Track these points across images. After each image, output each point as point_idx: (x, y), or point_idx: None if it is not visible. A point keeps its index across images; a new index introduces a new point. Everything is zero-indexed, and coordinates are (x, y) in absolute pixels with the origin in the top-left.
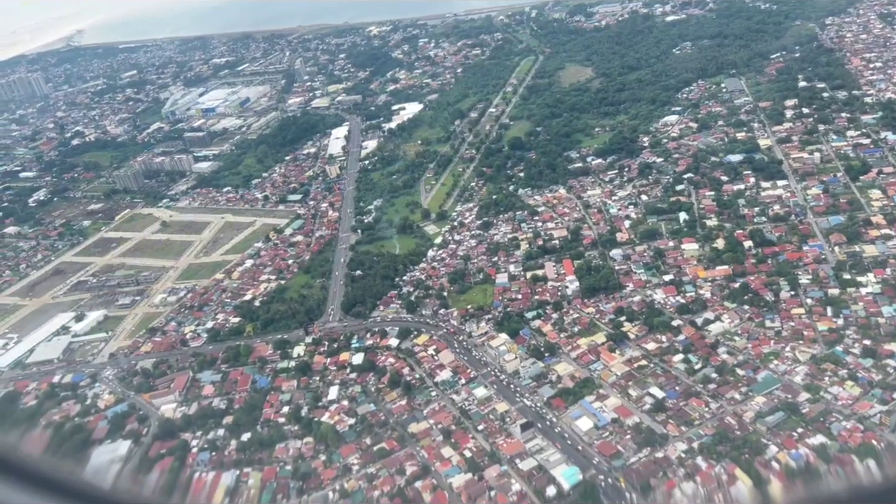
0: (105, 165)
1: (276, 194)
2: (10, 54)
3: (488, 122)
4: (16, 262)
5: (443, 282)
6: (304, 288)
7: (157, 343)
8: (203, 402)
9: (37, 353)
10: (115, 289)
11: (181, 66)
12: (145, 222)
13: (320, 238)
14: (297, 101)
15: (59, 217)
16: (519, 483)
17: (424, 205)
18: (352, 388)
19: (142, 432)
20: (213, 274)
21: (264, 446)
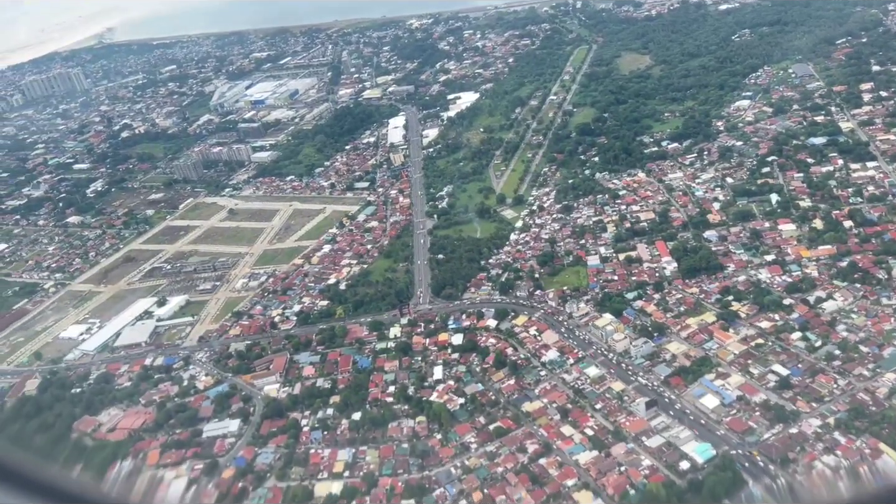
0: (159, 157)
1: (342, 182)
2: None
3: (550, 110)
4: (84, 251)
5: (532, 264)
6: (387, 272)
7: (246, 326)
8: (306, 383)
9: (123, 338)
10: (192, 275)
11: (221, 61)
12: (210, 210)
13: (395, 223)
14: (348, 93)
15: (121, 207)
16: (649, 459)
17: (498, 190)
18: (456, 369)
19: (249, 411)
20: (291, 259)
21: (377, 425)
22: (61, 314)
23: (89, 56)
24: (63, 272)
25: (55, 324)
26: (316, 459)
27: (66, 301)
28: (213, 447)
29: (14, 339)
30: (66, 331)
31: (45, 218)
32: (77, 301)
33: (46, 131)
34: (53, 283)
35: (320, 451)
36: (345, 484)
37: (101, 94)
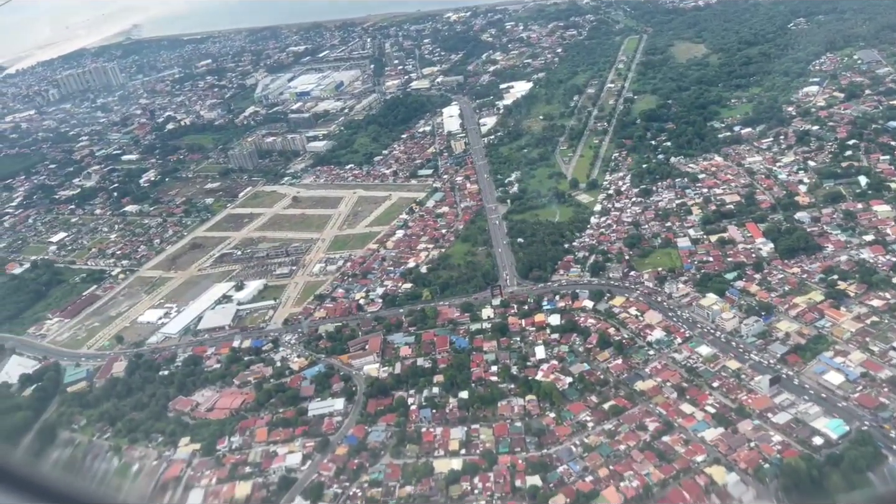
0: (209, 147)
1: (405, 170)
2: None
3: (609, 97)
4: (148, 238)
5: (619, 246)
6: (467, 255)
7: (331, 309)
8: (406, 363)
9: (206, 321)
10: (264, 260)
11: (257, 55)
12: (272, 198)
13: (467, 209)
14: (395, 84)
15: (177, 196)
16: (778, 435)
17: (568, 176)
18: (557, 349)
19: (353, 390)
20: (364, 244)
21: (486, 404)
22: (134, 299)
23: (119, 52)
24: (129, 259)
25: (129, 309)
26: (429, 437)
27: (136, 287)
28: (322, 425)
29: (90, 324)
30: (144, 315)
31: (102, 207)
32: (148, 287)
33: (88, 124)
34: (121, 269)
35: (432, 430)
36: (464, 461)
37: (138, 88)
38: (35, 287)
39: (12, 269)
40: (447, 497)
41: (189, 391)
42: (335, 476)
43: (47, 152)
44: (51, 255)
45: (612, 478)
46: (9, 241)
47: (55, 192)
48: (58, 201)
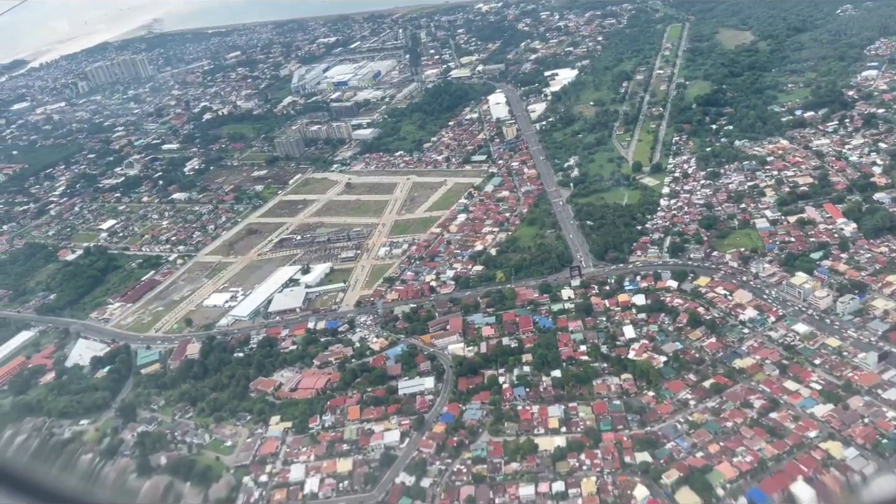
0: (250, 136)
1: (457, 156)
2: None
3: (660, 83)
4: (201, 225)
5: (695, 227)
6: (535, 238)
7: (402, 291)
8: (491, 342)
9: (276, 304)
10: (326, 244)
11: (286, 46)
12: (323, 185)
13: (528, 193)
14: (434, 73)
15: (225, 183)
16: (892, 411)
17: (630, 159)
18: (646, 328)
19: (441, 369)
20: (426, 228)
21: (581, 382)
22: (196, 284)
23: (143, 45)
24: (185, 245)
25: (193, 293)
26: (526, 415)
27: (196, 272)
28: (414, 403)
29: (153, 308)
30: (209, 299)
31: (149, 194)
32: (209, 272)
33: (121, 115)
34: (178, 255)
35: (528, 408)
36: (567, 438)
37: (168, 80)
38: (92, 273)
39: (65, 256)
40: (555, 473)
41: (268, 372)
42: (436, 453)
43: (84, 142)
44: (102, 242)
45: (723, 453)
46: (57, 229)
47: (98, 181)
48: (102, 189)
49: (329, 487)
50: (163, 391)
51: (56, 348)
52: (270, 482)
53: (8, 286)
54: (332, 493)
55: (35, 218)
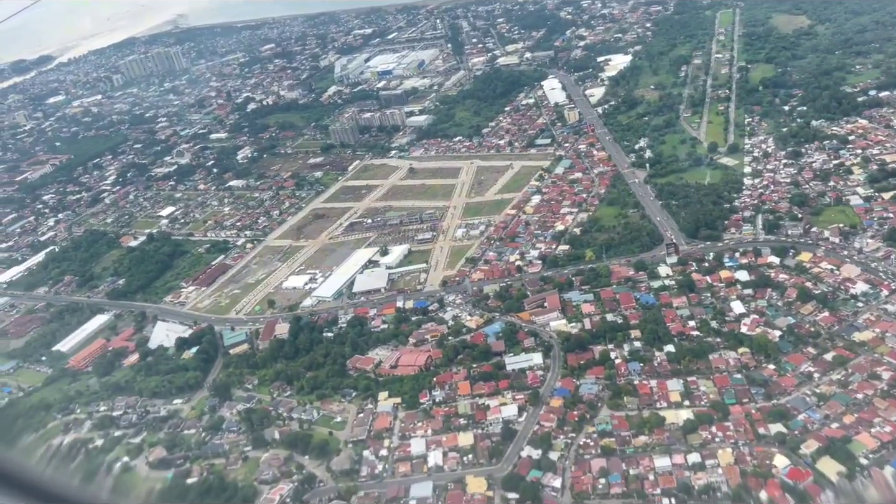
0: (300, 125)
1: (519, 140)
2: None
3: (720, 67)
4: (265, 210)
5: (786, 205)
6: (618, 217)
7: (487, 271)
8: (594, 318)
9: (359, 285)
10: (399, 227)
11: (321, 39)
12: (384, 171)
13: (601, 174)
14: (481, 61)
15: (281, 170)
16: None
17: (703, 140)
18: (754, 303)
19: (548, 345)
20: (500, 210)
21: (696, 357)
22: (270, 267)
23: (172, 39)
24: (251, 230)
25: (267, 276)
26: (645, 390)
27: (267, 255)
28: (525, 379)
29: (229, 291)
30: (288, 281)
31: (204, 182)
32: (281, 255)
33: (161, 106)
34: (246, 240)
35: (645, 382)
36: (693, 412)
37: (204, 72)
38: (160, 258)
39: (128, 242)
40: (688, 445)
41: (362, 350)
42: (558, 427)
43: (128, 133)
44: (164, 228)
45: (859, 424)
46: (115, 217)
47: (149, 170)
48: (154, 178)
49: (453, 461)
50: (255, 371)
51: (135, 331)
52: (391, 456)
53: (73, 272)
54: (458, 467)
55: (90, 206)
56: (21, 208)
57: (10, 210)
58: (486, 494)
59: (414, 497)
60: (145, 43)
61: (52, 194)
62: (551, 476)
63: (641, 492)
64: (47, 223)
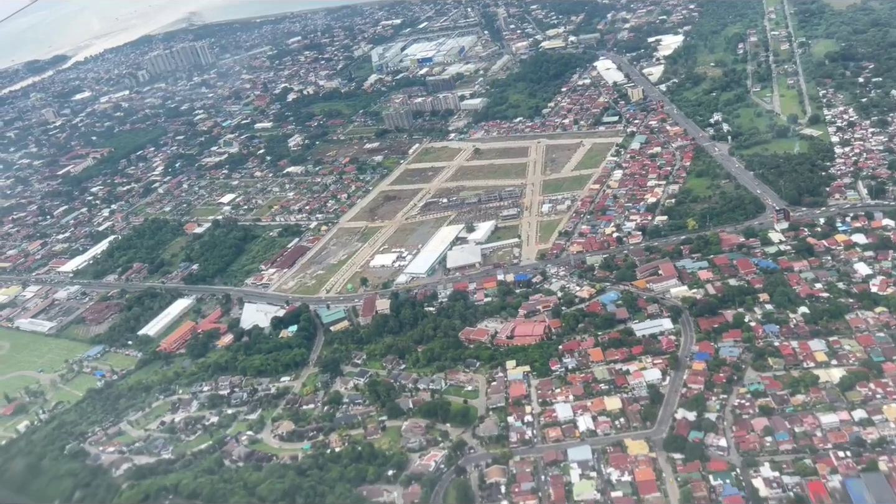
0: (346, 113)
1: (585, 118)
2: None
3: (778, 43)
4: (331, 194)
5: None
6: (710, 188)
7: (584, 243)
8: (715, 284)
9: (452, 260)
10: (478, 205)
11: (348, 31)
12: (447, 153)
13: (681, 148)
14: (523, 45)
15: (338, 156)
16: None
17: (780, 113)
18: (878, 265)
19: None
20: (580, 185)
21: (832, 317)
22: (349, 248)
23: (190, 36)
24: (321, 213)
25: (349, 256)
26: (787, 351)
27: (344, 237)
28: (657, 344)
29: (312, 272)
30: (374, 260)
31: (260, 169)
32: (359, 236)
33: (194, 99)
34: (318, 223)
35: (786, 343)
36: (845, 370)
37: (233, 65)
38: (232, 243)
39: (192, 229)
40: (849, 402)
41: (471, 322)
42: (706, 388)
43: (167, 126)
44: (228, 215)
45: None
46: (173, 205)
47: (197, 160)
48: (205, 167)
49: (605, 424)
50: (360, 346)
51: (222, 313)
52: (537, 421)
53: (141, 259)
54: (611, 430)
55: (143, 196)
56: (70, 200)
57: (59, 202)
58: (649, 455)
59: (573, 460)
60: (162, 40)
61: (99, 186)
62: (713, 436)
63: (813, 447)
64: (102, 214)
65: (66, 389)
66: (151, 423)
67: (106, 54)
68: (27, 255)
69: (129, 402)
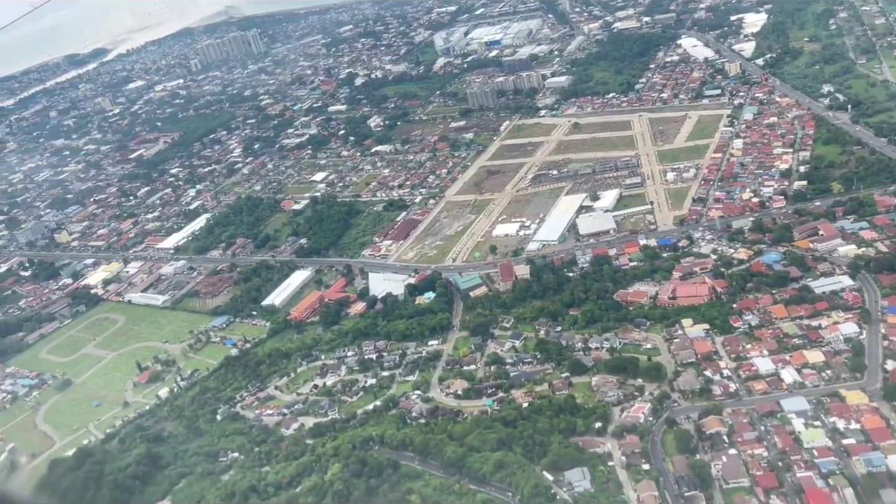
0: (422, 94)
1: (683, 93)
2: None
3: (871, 17)
4: (430, 169)
5: None
6: (843, 154)
7: (723, 208)
8: (884, 242)
9: (585, 227)
10: (591, 176)
11: (401, 18)
12: (541, 129)
13: (799, 117)
14: (595, 26)
15: (423, 134)
16: None
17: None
18: None
19: (857, 265)
20: (697, 155)
21: None
22: (463, 220)
23: (233, 28)
24: (423, 188)
25: (465, 227)
26: None
27: (453, 210)
28: (842, 300)
29: (431, 243)
30: (496, 229)
31: (346, 149)
32: (470, 208)
33: (255, 86)
34: (422, 197)
35: None
36: None
37: (287, 54)
38: (338, 217)
39: (290, 206)
40: None
41: (621, 285)
42: None
43: (233, 111)
44: (323, 192)
45: None
46: (262, 184)
47: (276, 142)
48: (285, 148)
49: (812, 377)
50: (505, 310)
51: (346, 283)
52: (736, 375)
53: (244, 234)
54: (820, 382)
55: (227, 176)
56: (150, 182)
57: (138, 184)
58: (870, 405)
59: (790, 411)
60: (203, 32)
61: (177, 168)
62: None
63: None
64: (188, 194)
65: (197, 358)
66: (301, 387)
67: (148, 47)
68: (119, 233)
69: (269, 368)
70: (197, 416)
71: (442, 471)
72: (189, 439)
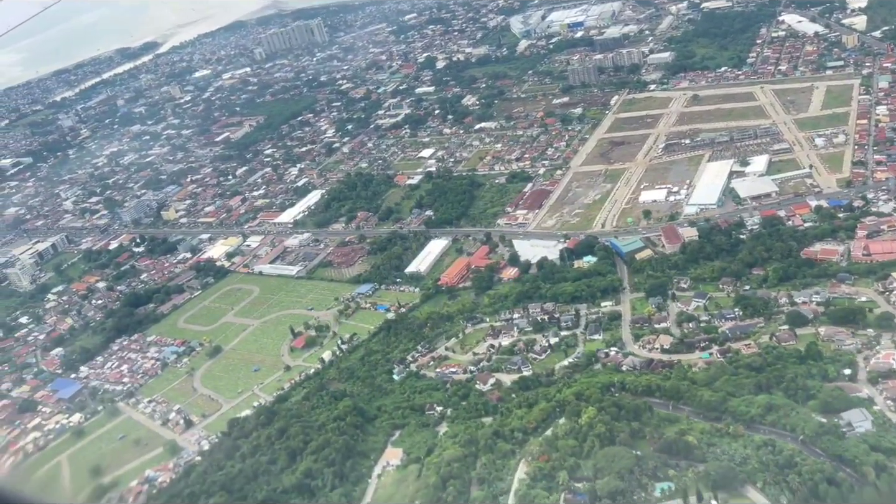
0: (512, 74)
1: (800, 65)
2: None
3: None
4: (546, 143)
5: None
6: None
7: (891, 169)
8: None
9: (746, 191)
10: (730, 143)
11: (467, 6)
12: (655, 102)
13: None
14: (682, 6)
15: (527, 111)
16: None
17: None
18: None
19: None
20: (839, 122)
21: None
22: (597, 189)
23: (291, 19)
24: (544, 160)
25: (603, 196)
26: None
27: (584, 179)
28: None
29: (569, 211)
30: (641, 196)
31: (448, 127)
32: (603, 178)
33: (329, 72)
34: (546, 169)
35: None
36: None
37: (353, 42)
38: (463, 189)
39: (404, 181)
40: None
41: (804, 244)
42: None
43: (314, 95)
44: (438, 166)
45: None
46: (367, 161)
47: (370, 123)
48: (382, 128)
49: None
50: (680, 271)
51: (489, 250)
52: None
53: (363, 208)
54: None
55: (327, 155)
56: (244, 162)
57: (234, 165)
58: None
59: None
60: (257, 23)
61: (270, 149)
62: None
63: None
64: (290, 172)
65: (350, 324)
66: (475, 347)
67: (201, 39)
68: (229, 210)
69: (433, 331)
70: (373, 376)
71: (698, 415)
72: (375, 397)
